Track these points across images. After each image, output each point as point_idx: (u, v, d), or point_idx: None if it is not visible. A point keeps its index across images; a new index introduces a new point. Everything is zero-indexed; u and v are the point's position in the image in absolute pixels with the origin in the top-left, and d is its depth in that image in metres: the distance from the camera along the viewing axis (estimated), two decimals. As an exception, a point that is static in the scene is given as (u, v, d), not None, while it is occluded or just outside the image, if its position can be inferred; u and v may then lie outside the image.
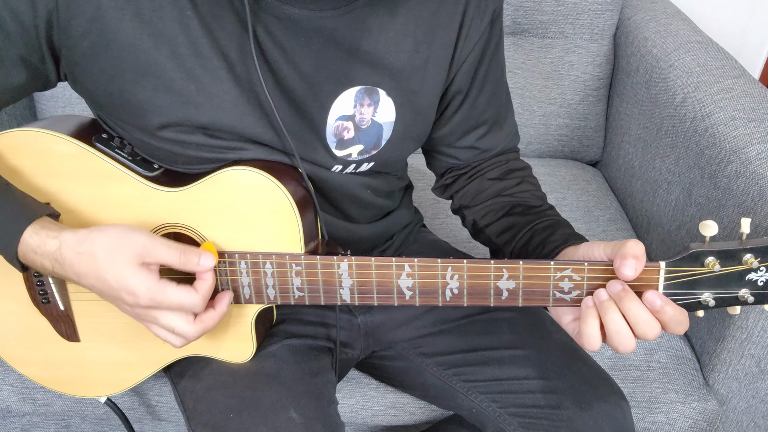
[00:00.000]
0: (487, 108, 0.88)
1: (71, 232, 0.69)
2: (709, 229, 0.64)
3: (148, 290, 0.68)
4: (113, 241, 0.69)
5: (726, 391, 1.08)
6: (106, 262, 0.68)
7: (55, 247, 0.69)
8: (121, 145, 0.77)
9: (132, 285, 0.68)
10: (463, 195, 0.92)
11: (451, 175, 0.93)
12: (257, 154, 0.76)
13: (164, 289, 0.68)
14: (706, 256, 0.66)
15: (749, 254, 0.65)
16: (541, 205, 0.87)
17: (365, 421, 1.05)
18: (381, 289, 0.73)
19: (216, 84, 0.72)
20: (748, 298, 0.67)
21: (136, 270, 0.68)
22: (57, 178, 0.76)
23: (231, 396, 0.79)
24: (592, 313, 0.67)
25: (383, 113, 0.79)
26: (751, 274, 0.66)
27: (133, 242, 0.68)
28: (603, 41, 1.51)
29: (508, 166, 0.91)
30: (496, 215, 0.88)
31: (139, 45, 0.70)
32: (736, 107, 1.12)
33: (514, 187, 0.89)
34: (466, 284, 0.71)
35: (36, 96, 1.49)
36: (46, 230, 0.69)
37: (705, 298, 0.68)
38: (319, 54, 0.74)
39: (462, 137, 0.89)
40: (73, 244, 0.69)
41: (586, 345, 0.68)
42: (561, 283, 0.69)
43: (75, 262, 0.69)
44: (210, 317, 0.72)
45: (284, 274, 0.74)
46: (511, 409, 0.86)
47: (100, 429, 1.15)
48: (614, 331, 0.66)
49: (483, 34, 0.82)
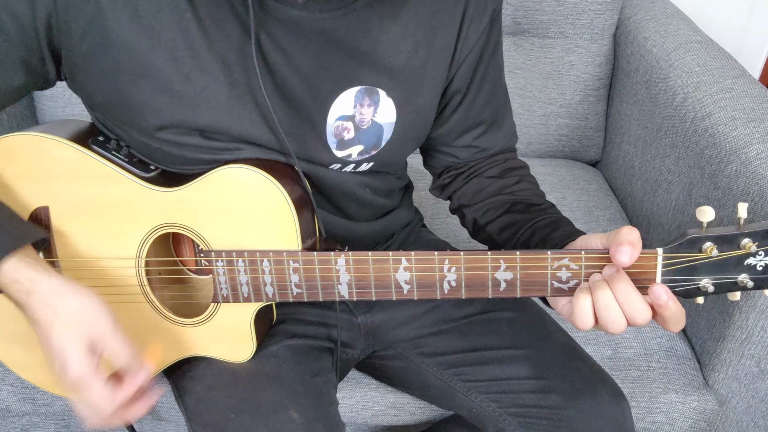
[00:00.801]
0: (485, 108, 0.88)
1: (48, 282, 0.68)
2: (706, 215, 0.64)
3: (79, 375, 0.67)
4: (79, 313, 0.68)
5: (726, 391, 1.08)
6: (61, 329, 0.67)
7: (26, 289, 0.68)
8: (118, 147, 0.77)
9: (69, 361, 0.67)
10: (461, 194, 0.92)
11: (448, 174, 0.93)
12: (254, 154, 0.76)
13: (92, 383, 0.68)
14: (703, 242, 0.65)
15: (747, 239, 0.64)
16: (542, 203, 0.87)
17: (365, 421, 1.05)
18: (379, 283, 0.73)
19: (213, 86, 0.72)
20: (748, 283, 0.66)
21: (81, 351, 0.67)
22: (54, 181, 0.76)
23: (231, 396, 0.79)
24: (585, 291, 0.67)
25: (383, 114, 0.79)
26: (750, 258, 0.65)
27: (94, 325, 0.68)
28: (603, 41, 1.51)
29: (506, 165, 0.91)
30: (496, 213, 0.88)
31: (136, 47, 0.70)
32: (736, 107, 1.12)
33: (514, 185, 0.89)
34: (464, 276, 0.71)
35: (36, 96, 1.49)
36: (26, 269, 0.67)
37: (704, 283, 0.67)
38: (319, 55, 0.74)
39: (460, 136, 0.89)
40: (45, 294, 0.67)
41: (578, 323, 0.67)
42: (558, 272, 0.69)
43: (37, 309, 0.68)
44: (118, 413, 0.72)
45: (282, 271, 0.74)
46: (511, 409, 0.86)
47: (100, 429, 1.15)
48: (603, 307, 0.66)
49: (482, 34, 0.82)
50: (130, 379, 0.70)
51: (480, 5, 0.80)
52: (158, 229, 0.76)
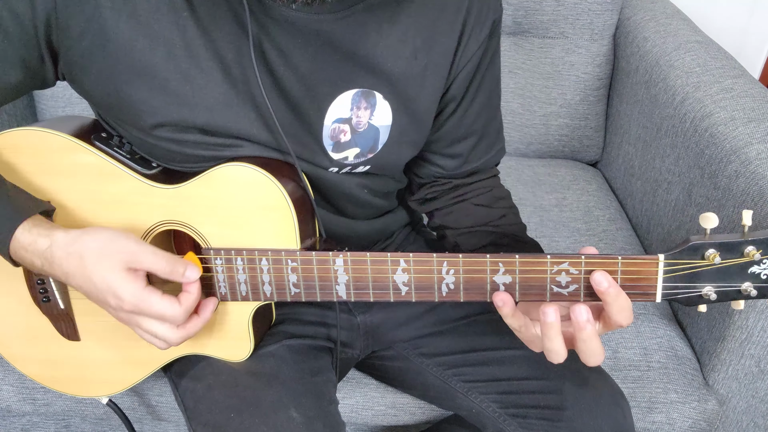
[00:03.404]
0: (477, 118, 0.87)
1: (63, 232, 0.70)
2: (710, 222, 0.63)
3: (133, 296, 0.69)
4: (102, 244, 0.69)
5: (726, 391, 1.08)
6: (94, 265, 0.69)
7: (45, 245, 0.70)
8: (120, 143, 0.78)
9: (117, 289, 0.69)
10: (445, 215, 0.92)
11: (432, 189, 0.93)
12: (254, 151, 0.77)
13: (149, 297, 0.69)
14: (706, 249, 0.64)
15: (751, 246, 0.63)
16: (527, 240, 0.88)
17: (365, 421, 1.06)
18: (377, 284, 0.73)
19: (211, 85, 0.73)
20: (751, 291, 0.65)
21: (123, 275, 0.69)
22: (56, 176, 0.76)
23: (231, 396, 0.79)
24: None
25: (380, 116, 0.79)
26: (754, 267, 0.64)
27: (121, 248, 0.69)
28: (603, 41, 1.51)
29: (492, 194, 0.92)
30: (481, 242, 0.88)
31: (134, 46, 0.70)
32: (736, 107, 1.12)
33: (501, 218, 0.90)
34: (462, 279, 0.70)
35: (36, 96, 1.49)
36: (38, 228, 0.70)
37: (706, 291, 0.66)
38: (317, 56, 0.74)
39: (450, 145, 0.88)
40: (64, 244, 0.69)
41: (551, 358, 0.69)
42: (558, 277, 0.68)
43: (64, 261, 0.70)
44: (193, 324, 0.73)
45: (280, 270, 0.74)
46: (510, 410, 0.86)
47: (100, 429, 1.15)
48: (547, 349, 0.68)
49: (482, 44, 0.82)
50: (183, 282, 0.71)
51: (481, 15, 0.80)
52: (158, 226, 0.77)
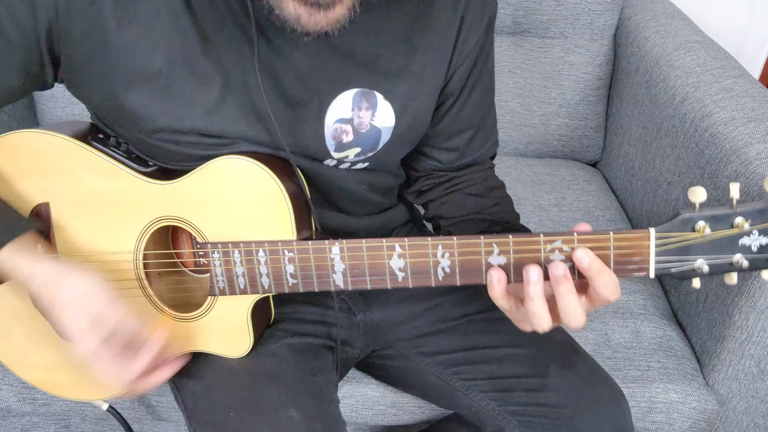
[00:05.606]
0: (474, 113, 0.88)
1: (45, 266, 0.71)
2: (698, 196, 0.63)
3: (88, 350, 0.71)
4: (77, 295, 0.71)
5: (726, 391, 1.08)
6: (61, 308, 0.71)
7: (24, 277, 0.72)
8: (117, 143, 0.78)
9: (76, 338, 0.71)
10: (439, 206, 0.93)
11: (427, 182, 0.93)
12: (251, 148, 0.77)
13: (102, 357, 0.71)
14: (696, 221, 0.64)
15: (740, 217, 0.63)
16: (521, 228, 0.88)
17: (365, 421, 1.06)
18: (373, 271, 0.73)
19: (211, 90, 0.73)
20: (743, 263, 0.65)
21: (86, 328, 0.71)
22: (55, 177, 0.77)
23: (231, 395, 0.79)
24: None
25: (382, 117, 0.79)
26: (744, 238, 0.64)
27: (93, 303, 0.71)
28: (603, 41, 1.51)
29: (486, 184, 0.92)
30: (474, 229, 0.88)
31: (135, 51, 0.71)
32: (736, 107, 1.12)
33: (493, 206, 0.90)
34: (458, 261, 0.71)
35: (36, 96, 1.50)
36: (20, 257, 0.71)
37: (699, 264, 0.66)
38: (315, 56, 0.75)
39: (448, 140, 0.89)
40: (43, 278, 0.71)
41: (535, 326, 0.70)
42: (552, 255, 0.68)
43: (38, 291, 0.72)
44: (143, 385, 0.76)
45: (277, 261, 0.74)
46: (510, 408, 0.86)
47: (100, 429, 1.15)
48: (530, 313, 0.68)
49: (479, 40, 0.82)
50: (144, 348, 0.73)
51: (478, 12, 0.81)
52: (155, 222, 0.77)
